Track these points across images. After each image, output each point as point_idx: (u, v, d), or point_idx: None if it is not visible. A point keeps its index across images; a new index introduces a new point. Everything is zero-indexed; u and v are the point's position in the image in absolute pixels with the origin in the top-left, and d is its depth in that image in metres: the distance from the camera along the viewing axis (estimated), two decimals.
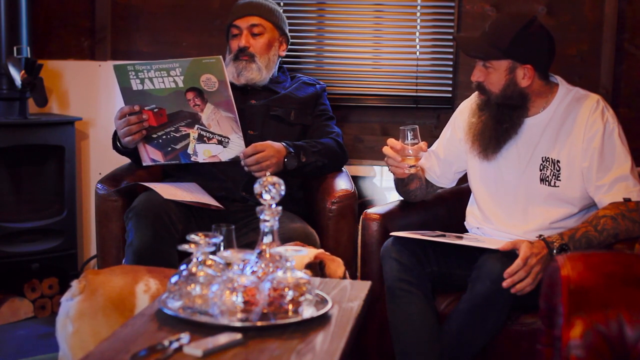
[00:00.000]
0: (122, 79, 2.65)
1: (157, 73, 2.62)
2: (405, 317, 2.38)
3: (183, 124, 2.69)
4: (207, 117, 2.67)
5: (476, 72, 2.47)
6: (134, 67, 2.63)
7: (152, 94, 2.65)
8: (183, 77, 2.62)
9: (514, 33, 2.38)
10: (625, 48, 3.29)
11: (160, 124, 2.69)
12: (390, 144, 2.43)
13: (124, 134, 2.69)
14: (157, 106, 2.67)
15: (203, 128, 2.68)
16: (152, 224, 2.52)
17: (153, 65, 2.62)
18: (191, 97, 2.65)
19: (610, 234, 2.31)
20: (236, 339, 1.52)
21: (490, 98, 2.46)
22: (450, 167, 2.67)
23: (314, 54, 3.56)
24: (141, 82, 2.64)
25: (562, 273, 1.55)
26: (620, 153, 2.40)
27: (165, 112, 2.68)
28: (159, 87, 2.64)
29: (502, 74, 2.42)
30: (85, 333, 1.94)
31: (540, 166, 2.46)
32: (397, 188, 2.69)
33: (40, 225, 3.44)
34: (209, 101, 2.65)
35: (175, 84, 2.63)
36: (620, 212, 2.33)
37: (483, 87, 2.46)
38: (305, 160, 2.76)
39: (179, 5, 3.61)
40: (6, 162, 3.40)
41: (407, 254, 2.41)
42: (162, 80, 2.63)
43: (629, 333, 1.50)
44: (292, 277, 1.64)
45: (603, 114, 2.42)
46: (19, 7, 3.41)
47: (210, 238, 1.68)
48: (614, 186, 2.37)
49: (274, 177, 1.69)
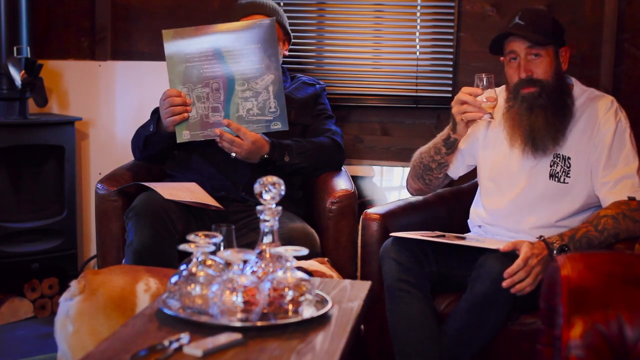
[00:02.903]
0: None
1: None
2: (404, 317, 2.38)
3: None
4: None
5: (524, 66, 2.44)
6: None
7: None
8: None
9: (550, 18, 2.47)
10: (625, 48, 3.29)
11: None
12: (468, 90, 2.40)
13: (165, 115, 2.72)
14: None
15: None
16: (152, 224, 2.52)
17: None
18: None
19: (611, 234, 2.32)
20: (236, 339, 1.52)
21: (545, 87, 2.44)
22: (464, 159, 2.67)
23: (314, 54, 3.56)
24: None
25: (562, 273, 1.55)
26: (629, 152, 2.41)
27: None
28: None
29: (551, 60, 2.45)
30: (85, 333, 1.94)
31: (551, 162, 2.47)
32: (422, 175, 2.65)
33: (40, 225, 3.44)
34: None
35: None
36: (621, 212, 2.33)
37: (534, 80, 2.44)
38: (289, 160, 2.77)
39: (179, 5, 3.61)
40: (6, 162, 3.40)
41: (407, 254, 2.41)
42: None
43: (629, 333, 1.50)
44: (292, 277, 1.64)
45: (617, 113, 2.45)
46: (19, 7, 3.41)
47: (210, 238, 1.68)
48: (619, 183, 2.38)
49: (274, 177, 1.70)
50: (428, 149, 2.63)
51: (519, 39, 2.43)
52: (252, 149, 2.71)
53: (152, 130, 2.82)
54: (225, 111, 2.73)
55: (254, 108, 2.73)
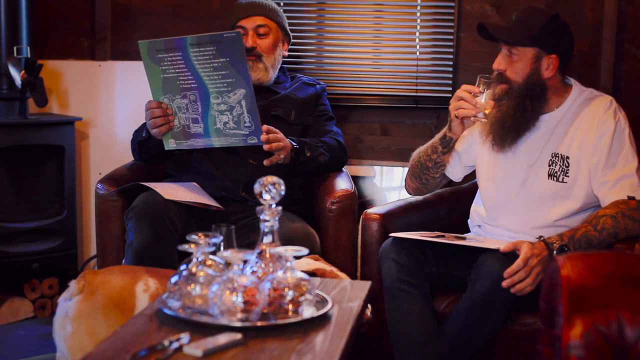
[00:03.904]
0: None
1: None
2: (404, 317, 2.38)
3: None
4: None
5: (499, 59, 2.46)
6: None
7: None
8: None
9: (544, 21, 2.42)
10: (625, 48, 3.29)
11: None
12: (467, 88, 2.41)
13: (150, 126, 2.70)
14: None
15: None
16: (152, 224, 2.52)
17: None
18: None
19: (610, 233, 2.32)
20: (236, 339, 1.52)
21: (512, 87, 2.44)
22: (461, 160, 2.67)
23: (314, 54, 3.56)
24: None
25: (562, 273, 1.55)
26: (628, 152, 2.41)
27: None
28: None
29: (528, 62, 2.42)
30: (84, 333, 1.94)
31: (549, 162, 2.47)
32: (419, 174, 2.66)
33: (40, 225, 3.44)
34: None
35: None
36: (620, 211, 2.33)
37: (504, 76, 2.45)
38: (310, 154, 2.77)
39: (179, 5, 3.61)
40: (6, 162, 3.40)
41: (406, 255, 2.41)
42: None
43: (629, 333, 1.50)
44: (292, 277, 1.64)
45: (615, 113, 2.45)
46: (19, 7, 3.41)
47: (210, 238, 1.68)
48: (618, 183, 2.38)
49: (274, 177, 1.70)
50: (426, 148, 2.63)
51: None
52: (287, 145, 2.69)
53: (144, 136, 2.83)
54: (204, 123, 2.66)
55: (230, 122, 2.66)
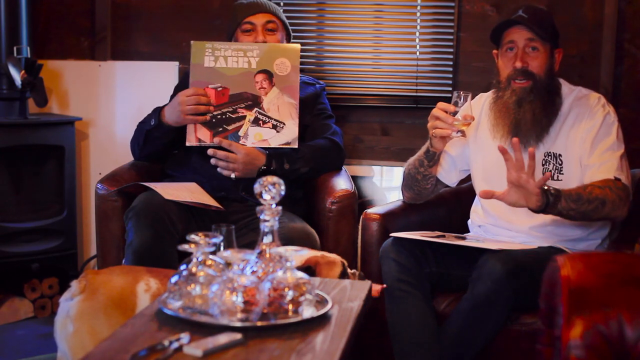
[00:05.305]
0: (197, 55, 2.77)
1: (234, 52, 2.76)
2: (404, 317, 2.38)
3: (243, 105, 2.77)
4: (269, 101, 2.77)
5: (522, 57, 2.46)
6: (213, 45, 2.76)
7: (221, 72, 2.76)
8: (258, 59, 2.76)
9: (550, 17, 2.51)
10: (625, 48, 3.29)
11: (219, 103, 2.77)
12: (442, 106, 2.42)
13: (189, 111, 2.73)
14: (221, 85, 2.76)
15: (261, 112, 2.77)
16: (152, 224, 2.52)
17: (232, 45, 2.78)
18: (260, 80, 2.77)
19: (599, 198, 2.30)
20: (236, 339, 1.52)
21: (535, 83, 2.45)
22: (455, 164, 2.67)
23: (314, 54, 3.56)
24: (215, 59, 2.76)
25: (562, 273, 1.55)
26: (614, 141, 2.43)
27: (227, 92, 2.77)
28: (231, 66, 2.76)
29: (547, 57, 2.48)
30: (85, 333, 1.94)
31: (543, 161, 2.47)
32: (411, 185, 2.66)
33: (40, 225, 3.44)
34: (276, 85, 2.76)
35: (249, 64, 2.76)
36: (608, 185, 2.34)
37: (529, 72, 2.46)
38: (289, 167, 2.77)
39: (179, 5, 3.61)
40: (6, 162, 3.40)
41: (406, 255, 2.41)
42: (237, 60, 2.75)
43: (629, 333, 1.50)
44: (292, 277, 1.64)
45: (604, 107, 2.48)
46: (19, 7, 3.41)
47: (210, 238, 1.68)
48: (603, 165, 2.39)
49: (274, 177, 1.70)
50: (414, 160, 2.64)
51: (521, 29, 2.45)
52: (246, 161, 2.71)
53: (153, 123, 2.82)
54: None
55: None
